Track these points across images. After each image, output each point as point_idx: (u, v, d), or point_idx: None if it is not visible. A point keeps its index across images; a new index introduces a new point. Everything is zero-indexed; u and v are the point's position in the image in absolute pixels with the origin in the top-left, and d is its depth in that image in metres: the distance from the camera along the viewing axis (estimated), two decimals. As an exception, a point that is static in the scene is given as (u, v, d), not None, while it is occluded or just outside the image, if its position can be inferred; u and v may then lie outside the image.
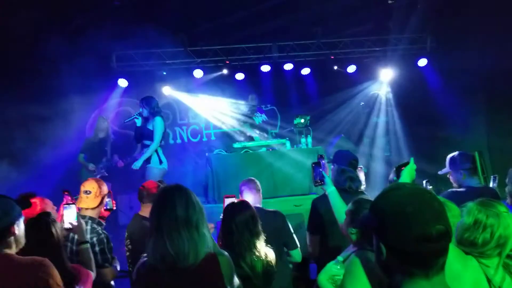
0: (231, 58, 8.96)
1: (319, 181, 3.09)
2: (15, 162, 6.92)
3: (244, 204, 2.91)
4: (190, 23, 8.06)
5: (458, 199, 2.61)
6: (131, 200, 7.45)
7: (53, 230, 2.72)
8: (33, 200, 3.46)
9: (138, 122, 6.21)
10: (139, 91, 9.09)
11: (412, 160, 2.80)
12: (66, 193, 3.34)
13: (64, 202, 3.20)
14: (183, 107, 9.47)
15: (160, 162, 6.08)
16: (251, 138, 7.99)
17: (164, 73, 9.01)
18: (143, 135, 6.13)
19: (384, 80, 9.59)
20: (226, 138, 8.92)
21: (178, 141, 9.59)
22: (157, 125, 6.05)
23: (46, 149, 7.05)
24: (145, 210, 3.90)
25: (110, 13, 7.21)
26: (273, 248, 2.94)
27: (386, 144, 9.41)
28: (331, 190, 3.05)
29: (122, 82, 8.77)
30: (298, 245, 3.71)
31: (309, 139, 7.44)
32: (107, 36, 7.24)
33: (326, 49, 9.15)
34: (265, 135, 8.03)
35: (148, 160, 6.03)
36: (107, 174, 7.24)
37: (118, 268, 3.61)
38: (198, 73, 8.90)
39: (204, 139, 9.60)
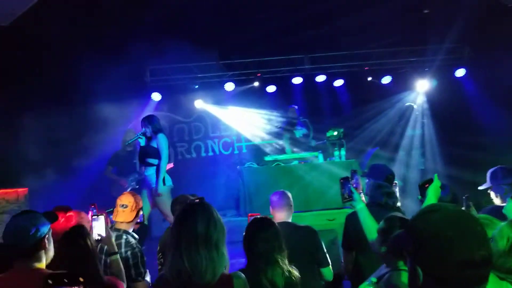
0: (263, 71, 8.95)
1: (347, 197, 3.00)
2: (55, 173, 7.08)
3: (266, 220, 2.84)
4: (221, 37, 8.12)
5: (502, 216, 2.46)
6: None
7: (89, 243, 2.74)
8: (69, 214, 3.53)
9: (142, 141, 6.17)
10: (172, 105, 9.26)
11: (436, 177, 2.66)
12: (92, 206, 3.38)
13: (91, 214, 3.23)
14: (215, 120, 9.51)
15: (162, 182, 6.00)
16: (282, 151, 7.92)
17: (196, 86, 9.08)
18: (148, 153, 6.07)
19: (420, 91, 9.37)
20: (258, 151, 8.89)
21: (210, 153, 9.62)
22: (162, 142, 5.99)
23: (83, 161, 7.20)
24: None
25: (143, 28, 7.35)
26: (303, 265, 2.86)
27: (420, 157, 9.14)
28: (360, 206, 2.95)
29: (156, 96, 8.90)
30: (330, 263, 3.60)
31: (343, 152, 7.29)
32: (141, 51, 7.38)
33: (360, 60, 9.03)
34: (297, 149, 7.92)
35: (154, 180, 6.02)
36: (137, 186, 7.29)
37: (149, 280, 3.60)
38: (229, 86, 8.93)
39: (236, 151, 9.60)
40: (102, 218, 3.14)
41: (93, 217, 3.12)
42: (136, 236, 3.70)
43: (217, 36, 8.05)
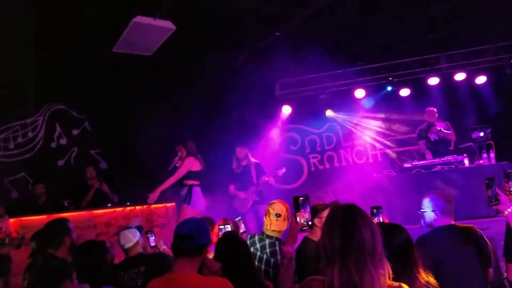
0: (394, 74, 8.56)
1: (493, 200, 2.68)
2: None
3: (398, 227, 2.58)
4: (348, 43, 7.96)
5: None
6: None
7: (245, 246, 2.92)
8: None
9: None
10: (302, 116, 9.31)
11: None
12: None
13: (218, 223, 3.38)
14: (347, 129, 9.32)
15: (189, 202, 6.13)
16: (423, 156, 7.43)
17: (325, 96, 9.01)
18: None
19: None
20: (395, 158, 8.46)
21: (344, 163, 9.41)
22: (184, 163, 6.24)
23: (216, 174, 7.50)
24: (315, 232, 3.80)
25: (272, 43, 7.54)
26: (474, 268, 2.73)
27: None
28: (509, 211, 2.61)
29: (286, 109, 9.04)
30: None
31: (492, 154, 6.62)
32: (271, 66, 7.57)
33: (505, 53, 8.14)
34: (436, 153, 7.35)
35: (183, 199, 6.20)
36: (258, 198, 7.26)
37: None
38: (359, 93, 8.71)
39: (370, 160, 9.26)
40: (228, 227, 3.26)
41: (220, 226, 3.24)
42: None
43: (343, 42, 7.91)
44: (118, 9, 6.04)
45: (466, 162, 6.73)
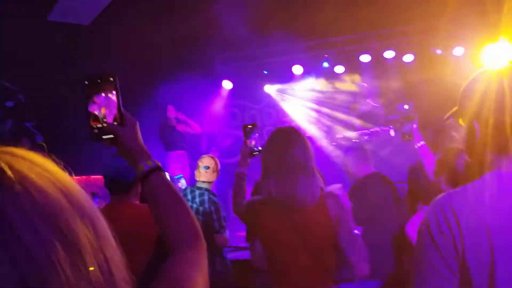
0: (330, 51, 8.95)
1: (407, 136, 3.21)
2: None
3: None
4: (286, 21, 8.20)
5: None
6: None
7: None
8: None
9: None
10: (243, 92, 9.55)
11: None
12: None
13: None
14: (285, 105, 9.65)
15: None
16: (353, 128, 7.93)
17: (265, 72, 9.29)
18: None
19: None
20: (331, 131, 8.90)
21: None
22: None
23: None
24: None
25: (211, 17, 7.64)
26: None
27: None
28: (420, 144, 3.10)
29: (227, 84, 9.22)
30: None
31: (415, 125, 7.19)
32: (211, 40, 7.69)
33: (429, 32, 8.72)
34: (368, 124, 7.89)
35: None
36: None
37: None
38: (297, 70, 9.04)
39: (308, 133, 9.64)
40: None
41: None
42: (215, 194, 4.05)
43: (281, 20, 8.14)
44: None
45: (392, 132, 7.27)
